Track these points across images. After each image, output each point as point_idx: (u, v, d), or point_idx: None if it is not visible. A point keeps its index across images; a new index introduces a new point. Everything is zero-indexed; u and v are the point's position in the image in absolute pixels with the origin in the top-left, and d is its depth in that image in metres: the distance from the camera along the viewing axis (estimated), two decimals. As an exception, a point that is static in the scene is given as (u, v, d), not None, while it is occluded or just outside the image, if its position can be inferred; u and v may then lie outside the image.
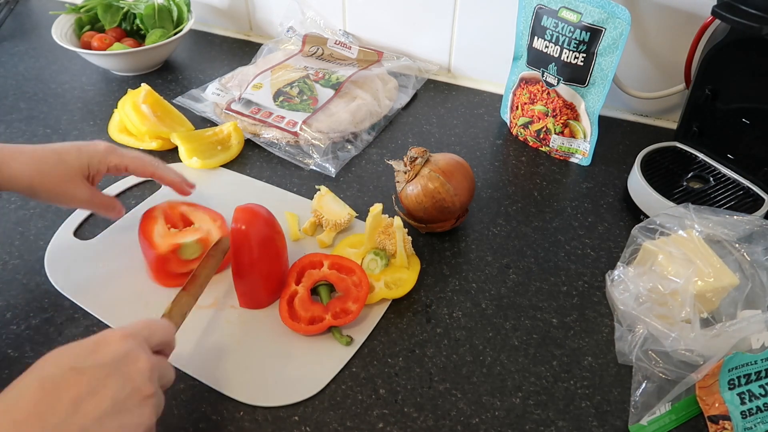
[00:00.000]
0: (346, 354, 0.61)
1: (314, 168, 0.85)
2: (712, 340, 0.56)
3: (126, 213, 0.77)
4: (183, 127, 0.89)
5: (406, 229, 0.69)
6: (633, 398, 0.57)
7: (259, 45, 1.10)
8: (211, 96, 0.95)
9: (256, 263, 0.63)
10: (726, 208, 0.70)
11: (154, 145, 0.86)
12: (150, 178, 0.73)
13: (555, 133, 0.87)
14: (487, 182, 0.83)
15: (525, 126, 0.89)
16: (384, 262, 0.68)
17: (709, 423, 0.55)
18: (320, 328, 0.62)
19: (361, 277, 0.65)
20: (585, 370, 0.60)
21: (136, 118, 0.85)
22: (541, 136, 0.88)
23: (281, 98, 0.91)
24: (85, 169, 0.65)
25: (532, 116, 0.88)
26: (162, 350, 0.50)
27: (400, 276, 0.68)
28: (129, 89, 0.90)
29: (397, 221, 0.67)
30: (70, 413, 0.39)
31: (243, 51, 1.12)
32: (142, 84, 0.89)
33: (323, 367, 0.60)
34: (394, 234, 0.68)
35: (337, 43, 1.04)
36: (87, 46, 1.04)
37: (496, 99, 0.99)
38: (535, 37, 0.83)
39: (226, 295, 0.67)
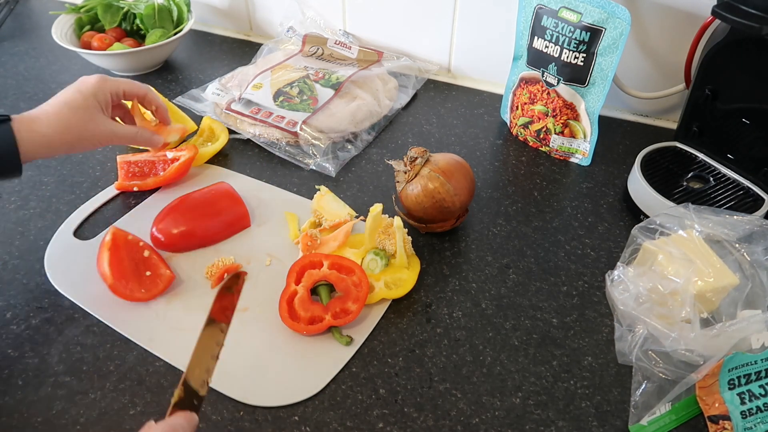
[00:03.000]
0: (346, 354, 0.61)
1: (314, 168, 0.85)
2: (712, 340, 0.56)
3: (126, 213, 0.77)
4: (185, 125, 0.89)
5: (406, 229, 0.69)
6: (633, 398, 0.57)
7: (259, 45, 1.10)
8: (211, 96, 0.95)
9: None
10: (726, 208, 0.70)
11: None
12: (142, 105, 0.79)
13: (555, 133, 0.87)
14: (487, 182, 0.83)
15: (525, 126, 0.89)
16: (384, 262, 0.68)
17: (709, 423, 0.55)
18: (320, 328, 0.62)
19: (361, 277, 0.65)
20: (585, 370, 0.60)
21: (138, 118, 0.85)
22: (541, 136, 0.88)
23: (281, 98, 0.91)
24: (96, 103, 0.69)
25: (532, 116, 0.88)
26: None
27: (400, 276, 0.68)
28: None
29: (397, 221, 0.67)
30: None
31: (243, 51, 1.12)
32: (148, 85, 0.89)
33: (323, 367, 0.60)
34: (394, 234, 0.68)
35: (337, 43, 1.04)
36: (87, 46, 1.04)
37: (496, 99, 0.99)
38: (535, 37, 0.83)
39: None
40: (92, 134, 0.69)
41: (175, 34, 1.05)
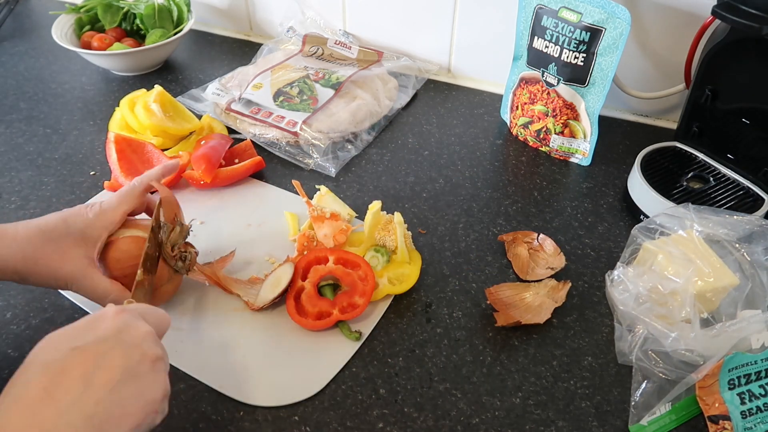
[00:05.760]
0: (346, 354, 0.61)
1: (314, 168, 0.85)
2: (712, 340, 0.56)
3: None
4: (191, 124, 0.89)
5: (406, 225, 0.69)
6: (633, 398, 0.57)
7: (259, 45, 1.10)
8: (211, 96, 0.95)
9: None
10: (726, 208, 0.70)
11: (154, 141, 0.86)
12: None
13: (555, 133, 0.87)
14: (487, 182, 0.83)
15: (525, 126, 0.89)
16: (385, 258, 0.68)
17: (709, 423, 0.55)
18: (328, 323, 0.62)
19: (366, 271, 0.65)
20: (585, 370, 0.60)
21: (143, 114, 0.85)
22: (541, 136, 0.88)
23: (281, 98, 0.91)
24: (79, 240, 0.57)
25: (532, 116, 0.88)
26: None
27: (403, 271, 0.68)
28: (142, 89, 0.90)
29: (398, 217, 0.67)
30: (82, 390, 0.39)
31: (243, 51, 1.12)
32: (156, 85, 0.89)
33: (323, 367, 0.60)
34: (394, 230, 0.68)
35: (337, 43, 1.04)
36: (87, 46, 1.04)
37: (496, 99, 0.99)
38: (535, 37, 0.83)
39: (227, 298, 0.67)
40: (56, 272, 0.56)
41: (175, 34, 1.05)
